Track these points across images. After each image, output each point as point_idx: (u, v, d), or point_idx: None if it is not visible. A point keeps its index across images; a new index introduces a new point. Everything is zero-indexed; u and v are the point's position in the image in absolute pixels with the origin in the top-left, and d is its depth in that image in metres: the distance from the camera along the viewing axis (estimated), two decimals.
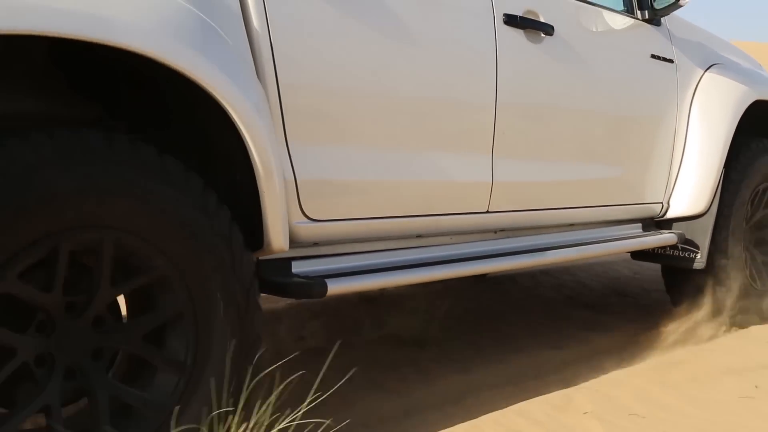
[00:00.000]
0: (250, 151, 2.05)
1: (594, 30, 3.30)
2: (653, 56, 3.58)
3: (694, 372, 3.11)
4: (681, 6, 3.45)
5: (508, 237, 3.10)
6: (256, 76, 2.13)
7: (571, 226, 3.37)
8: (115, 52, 1.82)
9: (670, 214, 3.73)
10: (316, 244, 2.47)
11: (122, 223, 1.83)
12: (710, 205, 3.68)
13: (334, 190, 2.41)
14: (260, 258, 2.28)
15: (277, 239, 2.17)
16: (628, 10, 3.55)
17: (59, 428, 1.78)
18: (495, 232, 3.08)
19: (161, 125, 2.23)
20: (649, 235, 3.60)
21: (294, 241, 2.31)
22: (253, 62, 2.15)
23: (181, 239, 1.93)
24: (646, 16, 3.56)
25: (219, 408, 1.91)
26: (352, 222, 2.49)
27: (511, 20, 2.88)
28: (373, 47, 2.45)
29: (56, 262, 1.76)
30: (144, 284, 1.94)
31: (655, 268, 4.90)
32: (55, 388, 1.81)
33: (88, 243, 1.80)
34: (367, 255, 2.58)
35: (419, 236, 2.78)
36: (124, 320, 2.03)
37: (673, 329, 3.68)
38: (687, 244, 3.67)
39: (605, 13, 3.38)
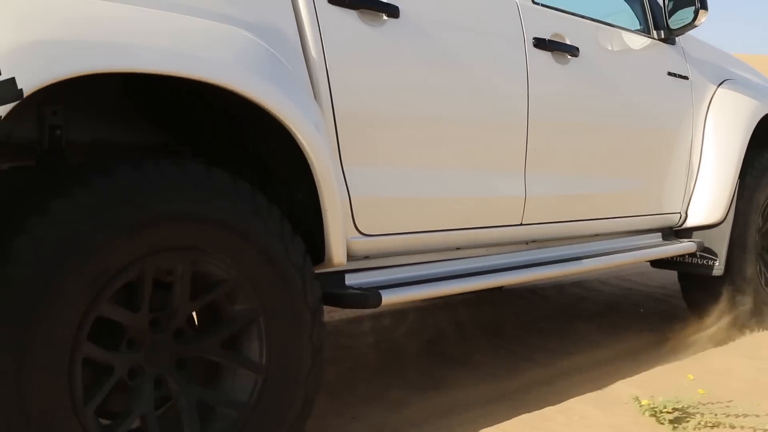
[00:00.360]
0: (314, 171, 2.21)
1: (615, 50, 3.48)
2: (669, 73, 3.76)
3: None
4: (695, 26, 3.63)
5: (539, 248, 3.26)
6: (315, 101, 2.29)
7: (596, 236, 3.53)
8: (187, 84, 1.97)
9: (688, 224, 3.90)
10: (366, 257, 2.62)
11: (215, 249, 1.98)
12: (726, 215, 3.85)
13: (384, 207, 2.56)
14: (317, 272, 2.43)
15: (338, 254, 2.33)
16: (645, 30, 3.73)
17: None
18: (527, 243, 3.23)
19: (226, 152, 2.39)
20: (671, 244, 3.76)
21: (348, 256, 2.46)
22: (311, 88, 2.31)
23: (261, 263, 2.07)
24: (662, 36, 3.74)
25: (294, 406, 2.08)
26: (399, 236, 2.65)
27: (540, 43, 3.05)
28: (418, 74, 2.62)
29: (144, 283, 1.91)
30: (228, 304, 2.09)
31: (662, 277, 5.12)
32: (148, 397, 1.96)
33: (181, 264, 1.95)
34: (413, 267, 2.74)
35: (458, 248, 2.94)
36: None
37: (693, 333, 3.84)
38: (705, 252, 3.83)
39: (624, 33, 3.55)
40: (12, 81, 1.63)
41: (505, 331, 4.09)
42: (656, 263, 4.01)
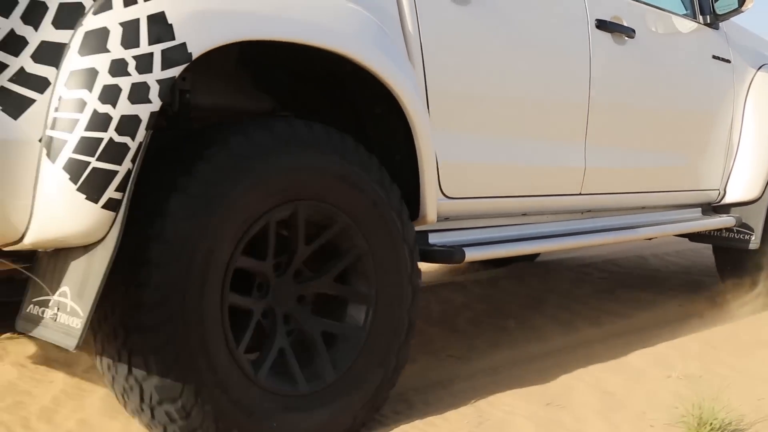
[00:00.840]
0: (415, 133, 2.43)
1: (665, 33, 3.70)
2: (714, 57, 3.97)
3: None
4: (741, 12, 3.84)
5: (592, 217, 3.48)
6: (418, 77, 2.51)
7: (643, 208, 3.76)
8: (302, 53, 2.19)
9: (726, 200, 4.12)
10: (447, 219, 2.85)
11: (333, 199, 2.22)
12: (763, 192, 4.07)
13: (466, 172, 2.79)
14: None
15: (431, 212, 2.56)
16: (692, 15, 3.94)
17: (293, 361, 2.18)
18: (582, 212, 3.46)
19: (328, 117, 2.60)
20: (711, 218, 3.99)
21: None
22: (410, 60, 2.53)
23: (370, 212, 2.31)
24: (708, 21, 3.95)
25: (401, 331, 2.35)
26: (477, 200, 2.88)
27: (601, 24, 3.27)
28: (497, 50, 2.85)
29: (270, 232, 2.15)
30: (342, 253, 2.32)
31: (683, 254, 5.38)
32: (282, 333, 2.20)
33: (309, 212, 2.19)
34: (486, 229, 2.97)
35: (524, 215, 3.16)
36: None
37: (729, 303, 4.08)
38: (742, 227, 4.06)
39: (674, 18, 3.77)
40: (183, 45, 1.86)
41: (549, 300, 4.33)
42: (694, 237, 4.24)
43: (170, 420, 2.00)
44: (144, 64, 1.82)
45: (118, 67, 1.80)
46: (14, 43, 1.74)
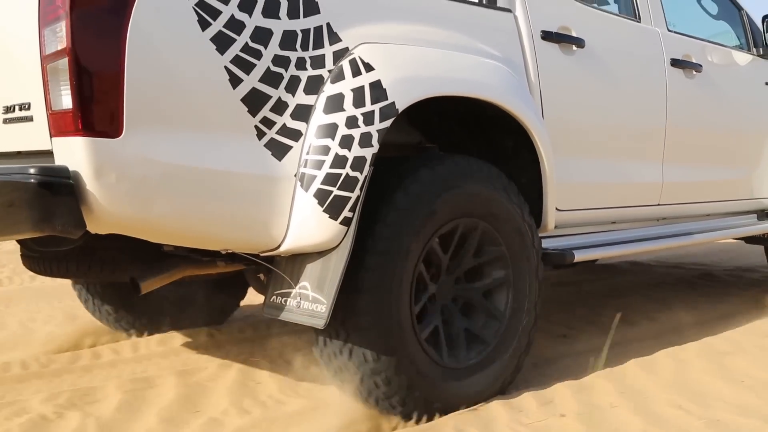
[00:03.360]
0: (542, 161, 3.09)
1: (726, 65, 4.33)
2: (767, 83, 4.60)
3: None
4: None
5: (667, 224, 4.13)
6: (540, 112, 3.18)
7: (708, 216, 4.40)
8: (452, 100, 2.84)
9: None
10: (556, 227, 3.50)
11: (486, 216, 2.88)
12: None
13: (573, 189, 3.44)
14: None
15: (551, 223, 3.22)
16: (746, 47, 4.58)
17: (442, 341, 2.84)
18: (658, 220, 4.10)
19: (467, 149, 3.27)
20: (765, 223, 4.62)
21: None
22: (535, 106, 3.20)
23: (509, 226, 2.97)
24: (761, 53, 4.58)
25: (529, 321, 3.00)
26: (579, 212, 3.53)
27: (675, 63, 3.92)
28: (596, 89, 3.50)
29: (455, 235, 2.81)
30: (490, 259, 2.98)
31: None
32: (438, 316, 2.86)
33: (469, 227, 2.85)
34: (585, 236, 3.61)
35: (613, 222, 3.81)
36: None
37: None
38: None
39: (733, 52, 4.41)
40: (393, 104, 2.54)
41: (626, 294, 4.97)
42: (749, 240, 4.86)
43: (376, 387, 2.66)
44: (369, 118, 2.50)
45: (352, 122, 2.48)
46: (280, 107, 2.42)
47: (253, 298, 4.06)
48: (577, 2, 3.49)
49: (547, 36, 3.28)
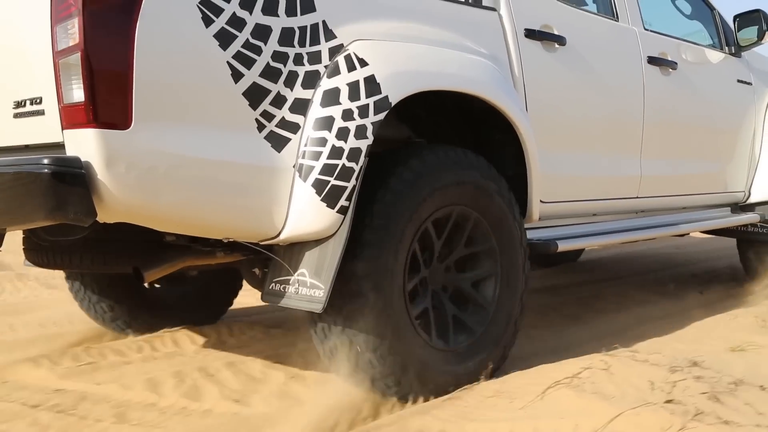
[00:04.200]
0: (527, 154, 3.21)
1: (700, 63, 4.49)
2: (738, 80, 4.77)
3: None
4: (761, 44, 4.65)
5: (645, 216, 4.28)
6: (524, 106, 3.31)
7: (684, 208, 4.55)
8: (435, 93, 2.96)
9: (751, 200, 4.92)
10: (540, 218, 3.62)
11: (473, 204, 3.00)
12: None
13: (556, 181, 3.57)
14: None
15: (535, 213, 3.34)
16: (718, 46, 4.75)
17: (432, 324, 2.95)
18: (636, 213, 4.25)
19: (453, 142, 3.39)
20: (740, 215, 4.79)
21: None
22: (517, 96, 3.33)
23: (497, 213, 3.09)
24: (733, 51, 4.75)
25: (516, 309, 3.12)
26: (561, 203, 3.66)
27: (651, 60, 4.06)
28: (577, 85, 3.63)
29: (447, 223, 2.93)
30: (480, 250, 3.10)
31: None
32: (428, 300, 2.97)
33: (460, 215, 2.97)
34: (567, 227, 3.75)
35: (594, 215, 3.95)
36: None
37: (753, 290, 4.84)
38: (765, 222, 4.85)
39: (707, 50, 4.57)
40: (387, 97, 2.66)
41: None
42: (721, 233, 5.02)
43: (371, 366, 2.77)
44: (363, 111, 2.61)
45: (348, 115, 2.59)
46: (279, 101, 2.53)
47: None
48: (558, 1, 3.62)
49: (530, 34, 3.41)
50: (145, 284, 3.15)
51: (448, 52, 2.99)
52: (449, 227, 3.01)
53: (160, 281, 4.02)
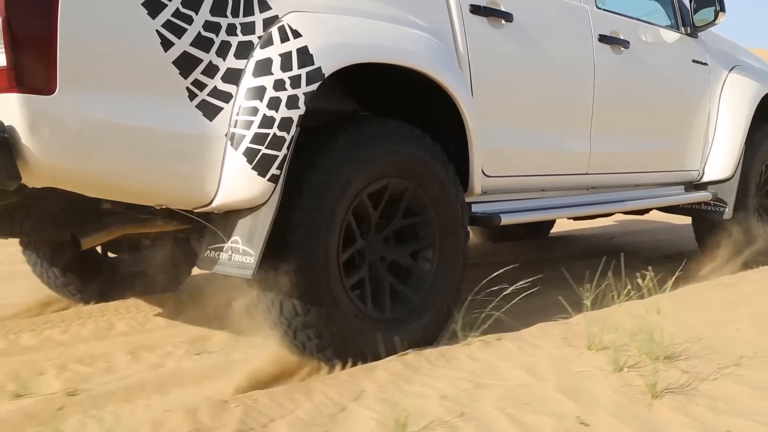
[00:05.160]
0: (467, 129, 3.26)
1: (654, 42, 4.54)
2: (693, 61, 4.83)
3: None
4: (715, 24, 4.70)
5: (597, 193, 4.34)
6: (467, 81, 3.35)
7: (637, 186, 4.62)
8: (377, 67, 3.00)
9: (705, 179, 4.99)
10: (485, 193, 3.68)
11: (410, 176, 3.05)
12: (735, 172, 4.94)
13: (500, 155, 3.62)
14: None
15: (477, 186, 3.40)
16: (675, 26, 4.80)
17: (368, 294, 3.01)
18: (587, 189, 4.31)
19: (398, 116, 3.43)
20: (692, 193, 4.86)
21: None
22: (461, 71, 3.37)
23: (435, 185, 3.15)
24: (688, 31, 4.81)
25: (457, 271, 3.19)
26: (507, 178, 3.72)
27: (603, 38, 4.11)
28: (524, 60, 3.68)
29: (383, 195, 2.99)
30: (418, 221, 3.15)
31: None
32: (365, 271, 3.03)
33: (395, 187, 3.02)
34: (513, 201, 3.81)
35: (543, 190, 4.01)
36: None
37: (705, 267, 4.93)
38: (717, 201, 4.93)
39: (662, 30, 4.62)
40: (319, 68, 2.70)
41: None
42: (677, 210, 5.10)
43: (308, 339, 2.83)
44: (295, 82, 2.65)
45: (279, 85, 2.63)
46: (211, 70, 2.57)
47: None
48: None
49: (475, 10, 3.45)
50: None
51: (387, 25, 3.03)
52: (385, 199, 3.06)
53: (118, 250, 4.09)
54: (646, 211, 5.10)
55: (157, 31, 2.44)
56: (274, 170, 2.63)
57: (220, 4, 2.58)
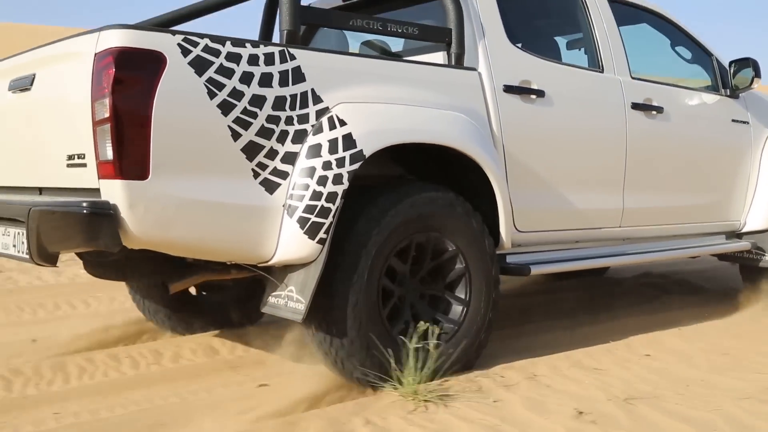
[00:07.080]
0: (497, 194, 3.79)
1: (690, 105, 4.95)
2: (733, 120, 5.20)
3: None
4: (752, 88, 5.07)
5: (630, 243, 4.77)
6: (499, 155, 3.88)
7: (675, 237, 5.01)
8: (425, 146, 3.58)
9: (746, 229, 5.33)
10: (519, 245, 4.18)
11: (444, 231, 3.61)
12: None
13: (532, 215, 4.12)
14: None
15: (507, 241, 3.91)
16: (715, 88, 5.19)
17: (414, 336, 3.56)
18: (623, 240, 4.75)
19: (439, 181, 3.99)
20: (730, 243, 5.21)
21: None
22: (494, 144, 3.90)
23: (469, 239, 3.69)
24: (728, 93, 5.19)
25: (486, 318, 3.71)
26: (540, 233, 4.21)
27: (635, 106, 4.56)
28: (557, 132, 4.18)
29: (410, 248, 3.56)
30: (451, 268, 3.71)
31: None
32: (408, 313, 3.60)
33: (432, 240, 3.59)
34: (548, 253, 4.29)
35: (577, 242, 4.48)
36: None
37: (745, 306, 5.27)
38: (757, 249, 5.26)
39: (702, 93, 5.03)
40: (361, 151, 3.30)
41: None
42: (722, 257, 5.45)
43: (354, 368, 3.41)
44: (340, 162, 3.26)
45: (327, 165, 3.24)
46: (272, 154, 3.20)
47: None
48: (538, 58, 4.18)
49: (508, 89, 3.99)
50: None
51: (421, 109, 3.61)
52: (430, 251, 3.63)
53: (204, 289, 4.78)
54: None
55: (228, 126, 3.08)
56: (321, 234, 3.23)
57: (281, 101, 3.21)
